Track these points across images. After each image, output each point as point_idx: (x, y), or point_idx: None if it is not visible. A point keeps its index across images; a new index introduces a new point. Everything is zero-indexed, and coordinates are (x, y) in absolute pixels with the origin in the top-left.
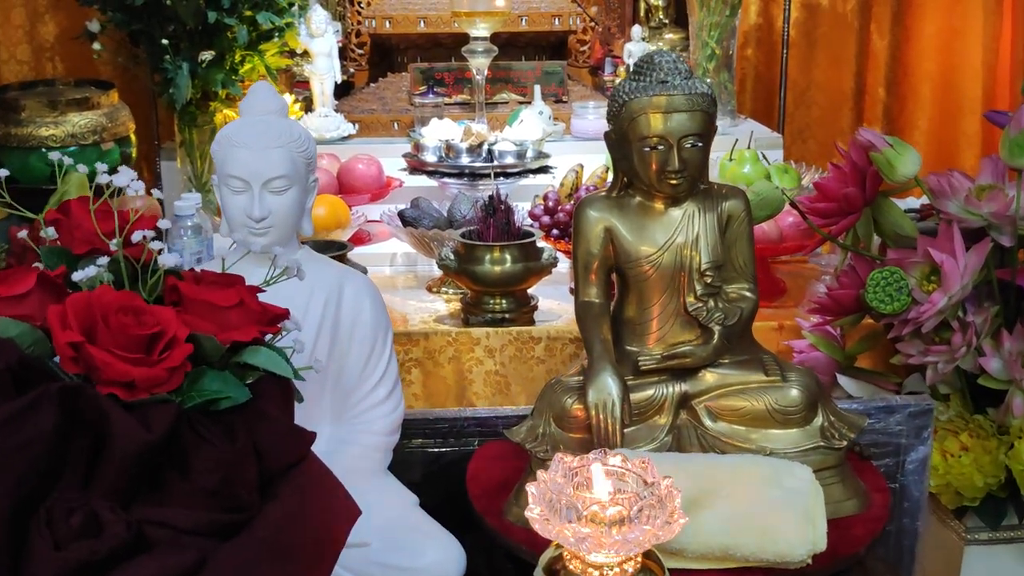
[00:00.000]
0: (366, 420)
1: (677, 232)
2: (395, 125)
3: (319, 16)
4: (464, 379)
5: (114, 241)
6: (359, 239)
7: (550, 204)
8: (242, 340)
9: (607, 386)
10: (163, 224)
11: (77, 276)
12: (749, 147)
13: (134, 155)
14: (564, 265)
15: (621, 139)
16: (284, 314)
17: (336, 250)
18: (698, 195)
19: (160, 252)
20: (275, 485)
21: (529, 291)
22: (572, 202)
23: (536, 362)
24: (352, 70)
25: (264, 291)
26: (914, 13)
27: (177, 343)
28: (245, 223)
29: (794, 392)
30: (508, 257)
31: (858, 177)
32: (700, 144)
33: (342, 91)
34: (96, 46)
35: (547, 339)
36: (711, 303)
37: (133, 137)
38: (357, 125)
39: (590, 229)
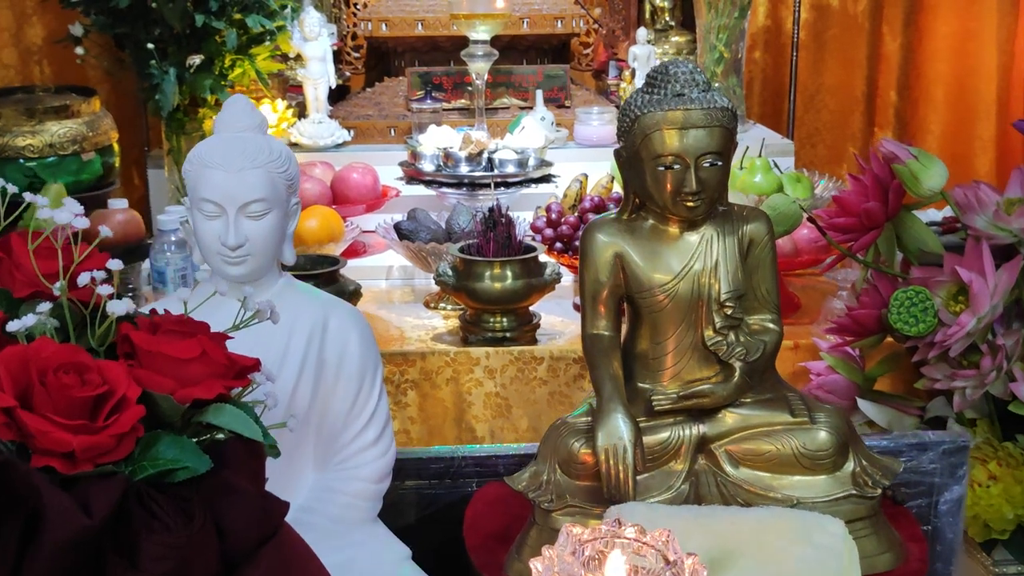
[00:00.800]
0: (354, 465)
1: (694, 259)
2: (392, 131)
3: (312, 19)
4: (463, 401)
5: (57, 284)
6: (354, 251)
7: (553, 216)
8: (204, 397)
9: (618, 429)
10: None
11: (13, 327)
12: (760, 155)
13: (117, 165)
14: (568, 279)
15: (633, 157)
16: (254, 365)
17: (328, 265)
18: (717, 218)
19: (110, 297)
20: (241, 568)
21: (531, 308)
22: (576, 214)
23: (539, 383)
24: (348, 74)
25: (232, 337)
26: (927, 14)
27: (127, 404)
28: (219, 251)
29: (823, 435)
30: (509, 273)
31: (880, 191)
32: (719, 163)
33: (338, 95)
34: (79, 50)
35: (550, 359)
36: (731, 336)
37: (116, 146)
38: (353, 131)
39: (599, 255)
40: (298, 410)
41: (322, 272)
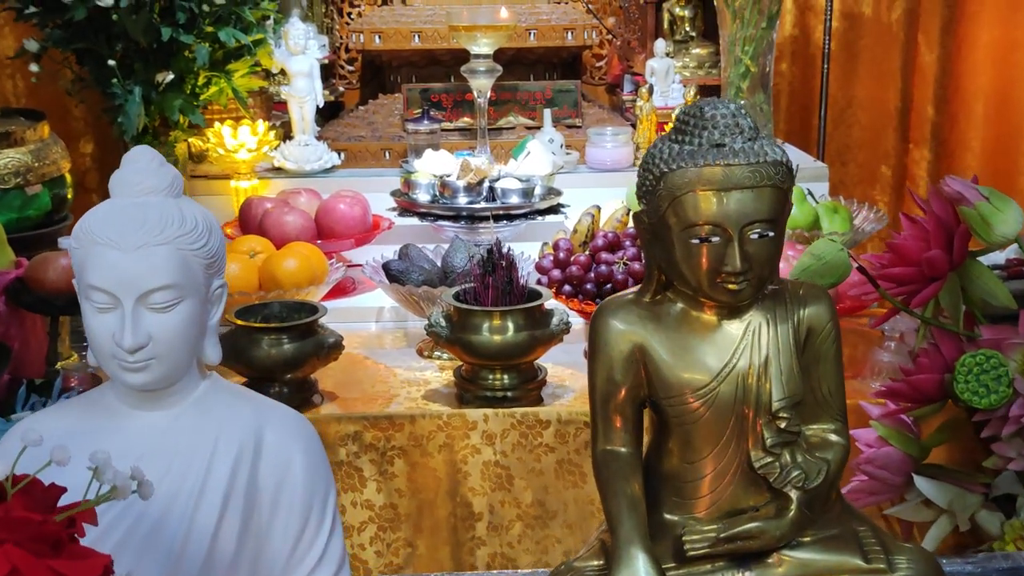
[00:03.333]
0: None
1: (737, 355)
2: (386, 154)
3: (298, 30)
4: (458, 472)
5: None
6: (341, 289)
7: (561, 255)
8: None
9: None
10: None
11: None
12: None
13: (70, 196)
14: (578, 324)
15: (658, 225)
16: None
17: (308, 314)
18: (765, 300)
19: None
20: None
21: (536, 362)
22: (587, 252)
23: (544, 450)
24: (342, 89)
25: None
26: (967, 22)
27: None
28: (114, 354)
29: None
30: (511, 325)
31: (943, 236)
32: (770, 233)
33: (331, 112)
34: (33, 67)
35: (557, 422)
36: (786, 456)
37: (68, 176)
38: (343, 154)
39: (613, 348)
40: (222, 555)
41: (298, 324)
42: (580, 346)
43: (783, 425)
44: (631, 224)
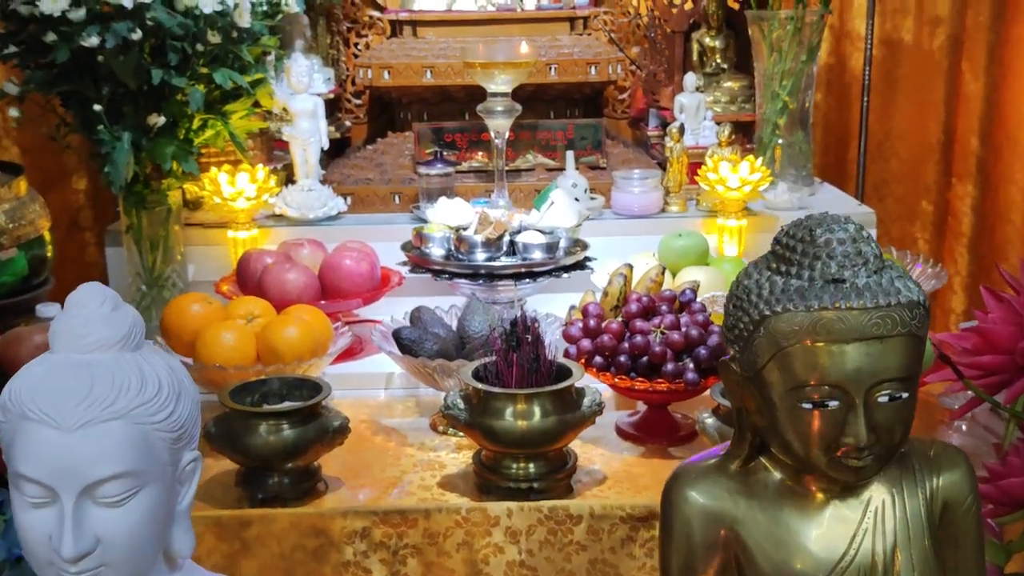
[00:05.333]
0: None
1: (857, 543)
2: (396, 198)
3: (300, 67)
4: (479, 573)
5: None
6: (350, 352)
7: (591, 322)
8: None
9: None
10: None
11: None
12: None
13: (50, 255)
14: (608, 392)
15: (755, 381)
16: None
17: (310, 393)
18: (889, 467)
19: None
20: None
21: (565, 447)
22: (619, 318)
23: (576, 549)
24: (348, 124)
25: None
26: (1013, 48)
27: None
28: (51, 560)
29: None
30: (537, 409)
31: None
32: (904, 395)
33: (336, 149)
34: (13, 112)
35: (590, 517)
36: None
37: (47, 235)
38: (350, 199)
39: (695, 530)
40: None
41: (299, 408)
42: (610, 418)
43: None
44: (666, 285)
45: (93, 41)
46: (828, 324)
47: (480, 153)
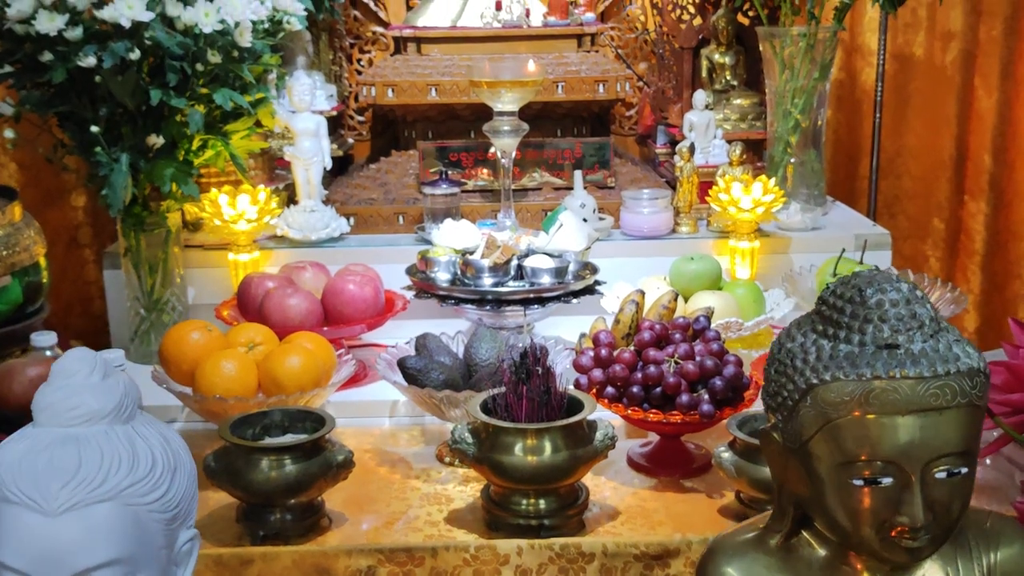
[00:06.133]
0: None
1: None
2: (400, 219)
3: (302, 86)
4: None
5: None
6: (354, 378)
7: (603, 352)
8: None
9: None
10: None
11: None
12: (862, 259)
13: (45, 281)
14: (619, 422)
15: (799, 453)
16: None
17: (313, 426)
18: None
19: None
20: None
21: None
22: (631, 347)
23: None
24: (351, 141)
25: None
26: None
27: None
28: None
29: None
30: (548, 444)
31: None
32: (963, 470)
33: (339, 167)
34: (8, 133)
35: (603, 555)
36: None
37: (43, 261)
38: (353, 219)
39: None
40: None
41: (302, 443)
42: (622, 446)
43: None
44: (679, 311)
45: (90, 61)
46: (881, 394)
47: (485, 171)
